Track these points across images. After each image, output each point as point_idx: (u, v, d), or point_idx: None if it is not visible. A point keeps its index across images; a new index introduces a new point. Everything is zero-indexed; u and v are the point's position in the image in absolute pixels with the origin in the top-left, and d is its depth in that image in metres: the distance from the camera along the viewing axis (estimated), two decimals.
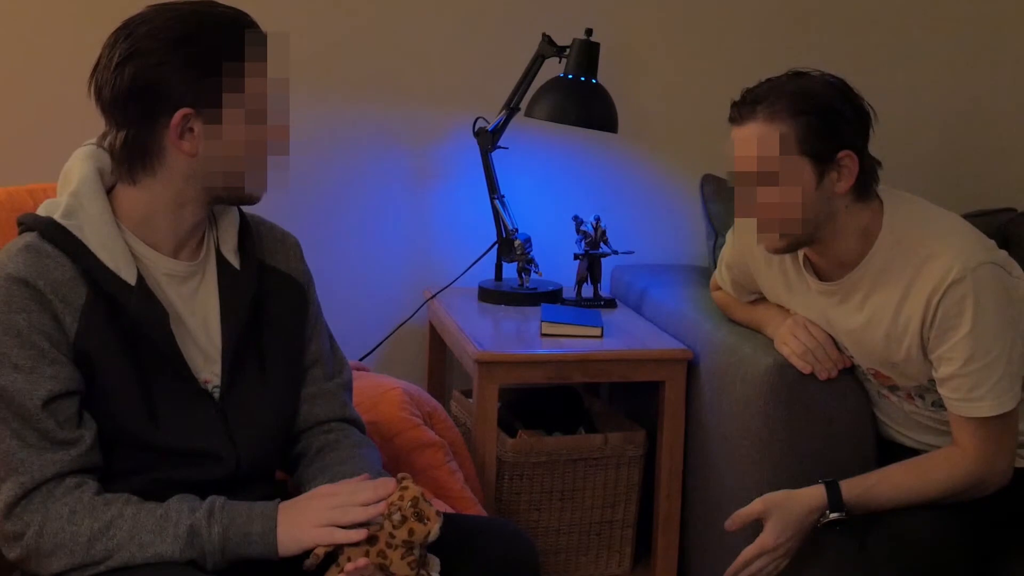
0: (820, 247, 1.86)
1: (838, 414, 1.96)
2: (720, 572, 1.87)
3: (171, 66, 1.41)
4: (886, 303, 1.82)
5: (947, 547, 1.73)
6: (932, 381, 1.82)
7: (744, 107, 1.80)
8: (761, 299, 2.12)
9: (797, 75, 1.82)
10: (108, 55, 1.44)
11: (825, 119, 1.77)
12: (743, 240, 2.04)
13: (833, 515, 1.79)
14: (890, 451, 1.95)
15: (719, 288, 2.23)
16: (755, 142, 1.77)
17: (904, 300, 1.79)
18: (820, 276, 1.91)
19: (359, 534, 1.41)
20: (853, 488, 1.80)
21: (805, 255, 1.92)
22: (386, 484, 1.45)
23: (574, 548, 2.40)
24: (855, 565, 1.81)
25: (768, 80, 1.82)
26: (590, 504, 2.38)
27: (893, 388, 1.92)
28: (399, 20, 2.67)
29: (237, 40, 1.44)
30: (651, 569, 2.41)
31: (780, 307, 2.06)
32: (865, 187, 1.82)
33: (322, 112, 2.63)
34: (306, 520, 1.42)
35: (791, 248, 1.87)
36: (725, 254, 2.15)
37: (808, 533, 1.82)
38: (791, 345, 1.96)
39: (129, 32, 1.43)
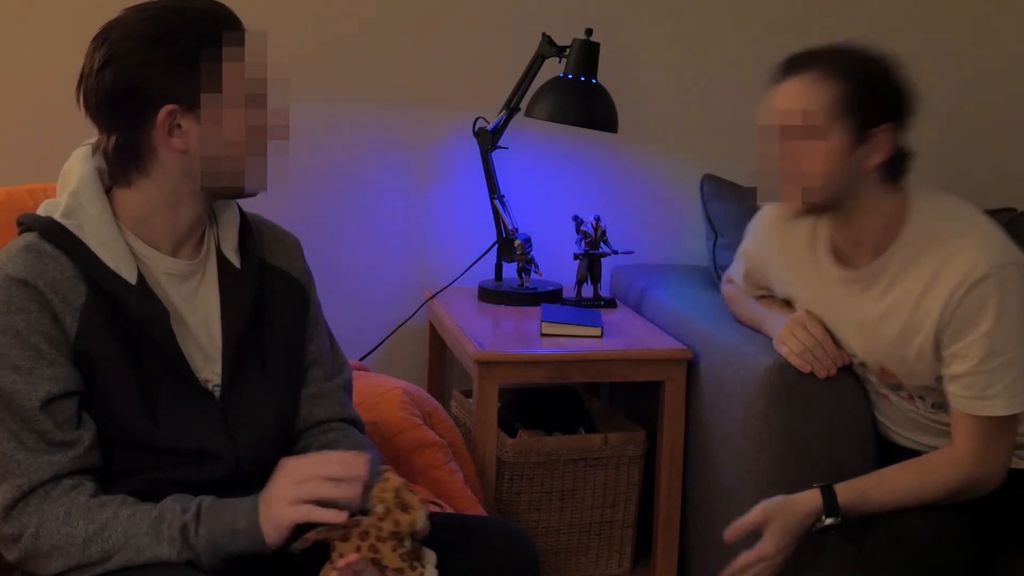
0: (842, 222, 1.83)
1: (838, 414, 1.96)
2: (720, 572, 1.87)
3: (149, 65, 1.42)
4: (907, 294, 1.80)
5: (947, 547, 1.73)
6: (938, 380, 1.82)
7: (798, 61, 1.78)
8: (767, 297, 2.12)
9: (854, 45, 1.80)
10: (89, 63, 1.45)
11: (874, 87, 1.76)
12: (768, 213, 2.02)
13: (829, 520, 1.78)
14: (888, 452, 1.95)
15: (731, 282, 2.23)
16: (803, 95, 1.75)
17: (926, 293, 1.78)
18: (842, 264, 1.90)
19: (338, 515, 1.37)
20: (849, 492, 1.79)
21: (831, 239, 1.91)
22: (356, 459, 1.42)
23: (574, 548, 2.40)
24: (854, 566, 1.80)
25: (824, 45, 1.80)
26: (590, 504, 2.38)
27: (895, 387, 1.92)
28: (399, 20, 2.67)
29: (215, 34, 1.44)
30: (651, 569, 2.41)
31: (782, 306, 2.06)
32: (894, 171, 1.80)
33: (322, 112, 2.63)
34: (276, 501, 1.40)
35: (809, 212, 1.84)
36: (745, 245, 2.14)
37: (805, 537, 1.81)
38: (790, 344, 1.96)
39: (105, 37, 1.44)
